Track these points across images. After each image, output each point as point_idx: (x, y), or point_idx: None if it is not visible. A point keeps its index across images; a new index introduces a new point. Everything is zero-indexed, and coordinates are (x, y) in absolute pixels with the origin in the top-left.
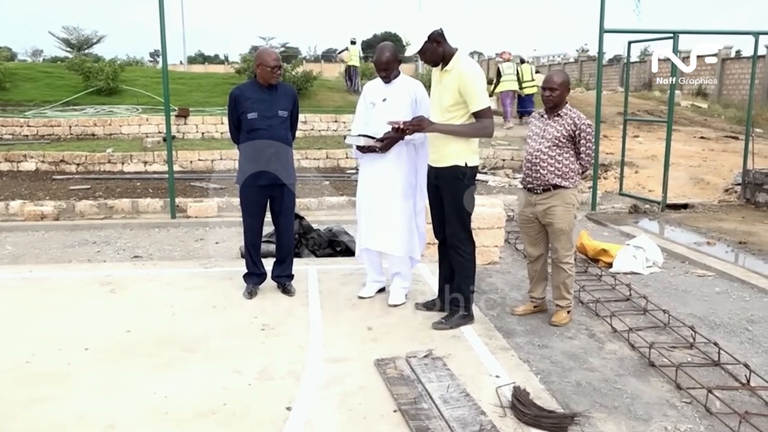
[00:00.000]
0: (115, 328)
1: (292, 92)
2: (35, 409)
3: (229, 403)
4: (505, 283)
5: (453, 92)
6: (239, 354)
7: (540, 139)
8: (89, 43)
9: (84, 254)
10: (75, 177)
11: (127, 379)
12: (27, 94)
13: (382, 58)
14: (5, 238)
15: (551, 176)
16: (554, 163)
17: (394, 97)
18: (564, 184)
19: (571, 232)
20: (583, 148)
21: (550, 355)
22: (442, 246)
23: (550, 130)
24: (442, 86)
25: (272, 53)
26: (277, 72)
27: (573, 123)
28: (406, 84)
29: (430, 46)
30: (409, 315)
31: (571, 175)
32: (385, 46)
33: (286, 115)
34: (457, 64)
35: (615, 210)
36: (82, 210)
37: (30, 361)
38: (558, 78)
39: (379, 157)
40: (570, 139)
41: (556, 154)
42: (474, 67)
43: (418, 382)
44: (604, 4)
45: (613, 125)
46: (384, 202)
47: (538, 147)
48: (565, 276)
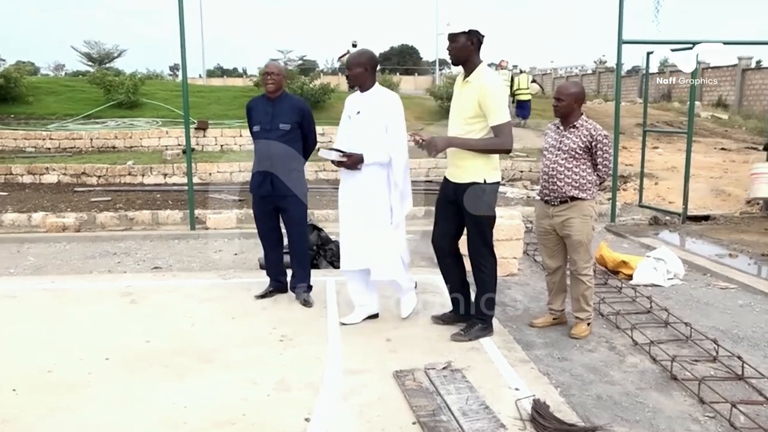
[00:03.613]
0: (135, 338)
1: (299, 105)
2: (56, 418)
3: (248, 413)
4: (524, 295)
5: (473, 104)
6: (258, 365)
7: (556, 151)
8: (110, 58)
9: (105, 265)
10: (96, 189)
11: (146, 388)
12: (49, 107)
13: (351, 60)
14: (28, 249)
15: (568, 188)
16: (571, 175)
17: (367, 111)
18: (581, 196)
19: (589, 244)
20: (600, 160)
21: (570, 367)
22: (442, 257)
23: (566, 141)
24: (462, 97)
25: (271, 63)
26: (268, 79)
27: (589, 134)
28: (380, 97)
29: (465, 41)
30: (427, 326)
31: (589, 187)
32: (363, 50)
33: (287, 128)
34: (479, 77)
35: (635, 222)
36: (103, 221)
37: (51, 370)
38: (568, 89)
39: (354, 173)
40: (587, 150)
41: (573, 166)
42: (495, 80)
43: (437, 394)
44: (623, 14)
45: (632, 137)
46: (362, 219)
47: (555, 159)
48: (584, 288)
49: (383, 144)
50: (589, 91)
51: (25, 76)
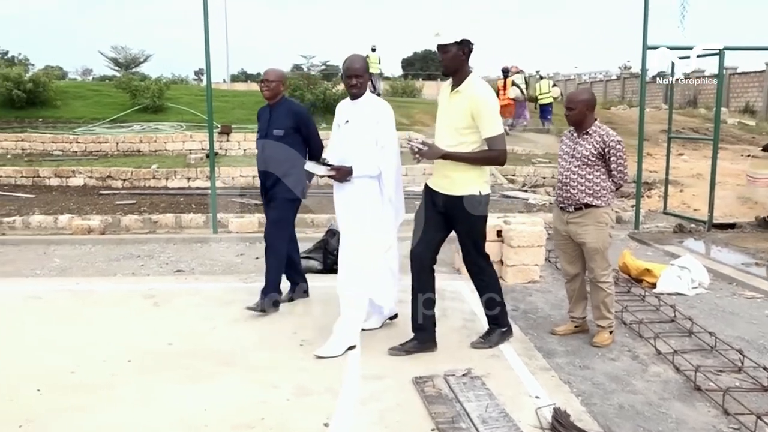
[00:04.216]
0: (158, 341)
1: (293, 110)
2: (78, 419)
3: (267, 417)
4: (546, 302)
5: (465, 115)
6: (277, 368)
7: (570, 158)
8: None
9: (128, 268)
10: (121, 192)
11: (167, 390)
12: (77, 111)
13: (355, 65)
14: (54, 251)
15: (582, 195)
16: (584, 182)
17: (357, 120)
18: (596, 203)
19: (605, 251)
20: (614, 165)
21: (591, 376)
22: (420, 271)
23: (579, 149)
24: (452, 107)
25: (269, 70)
26: (263, 86)
27: (602, 141)
28: (371, 105)
29: (456, 51)
30: (447, 333)
31: (603, 194)
32: (356, 55)
33: (281, 134)
34: (470, 87)
35: (659, 229)
36: (128, 224)
37: (75, 371)
38: (578, 96)
39: (345, 185)
40: (600, 157)
41: (586, 173)
42: (488, 91)
43: (456, 401)
44: (647, 20)
45: (656, 143)
46: (354, 235)
47: (568, 166)
48: (603, 295)
49: (373, 156)
50: (614, 97)
51: (53, 80)
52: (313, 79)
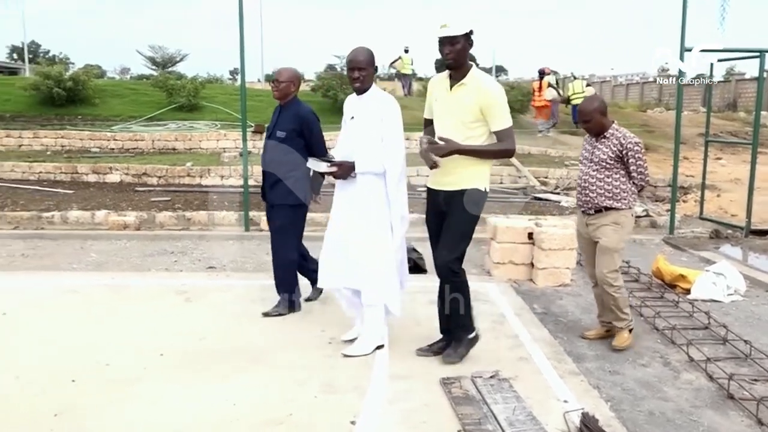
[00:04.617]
0: (189, 336)
1: (299, 113)
2: (111, 410)
3: (295, 413)
4: (576, 305)
5: (472, 108)
6: (306, 366)
7: (589, 163)
8: (173, 62)
9: (162, 263)
10: (156, 189)
11: (198, 385)
12: (114, 109)
13: (359, 57)
14: (90, 246)
15: (601, 199)
16: (603, 186)
17: (362, 116)
18: (616, 206)
19: (616, 253)
20: (633, 167)
21: (621, 382)
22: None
23: (597, 153)
24: (456, 101)
25: (281, 69)
26: (273, 86)
27: (619, 143)
28: (376, 100)
29: (465, 43)
30: None
31: (624, 196)
32: (361, 47)
33: (283, 136)
34: (476, 80)
35: (694, 234)
36: (162, 221)
37: (110, 363)
38: (589, 107)
39: (348, 183)
40: (618, 159)
41: (605, 176)
42: (496, 84)
43: (484, 402)
44: (686, 21)
45: (694, 147)
46: (354, 233)
47: (587, 170)
48: (611, 298)
49: (377, 152)
50: (650, 99)
51: (92, 79)
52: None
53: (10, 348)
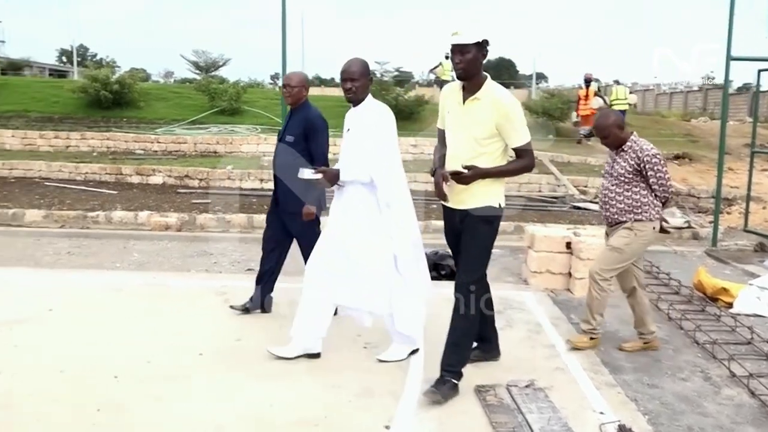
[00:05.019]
0: (227, 336)
1: (306, 117)
2: (152, 407)
3: (330, 416)
4: (614, 316)
5: (487, 124)
6: (341, 370)
7: (609, 177)
8: (216, 66)
9: (202, 264)
10: (197, 191)
11: (236, 384)
12: (158, 112)
13: (352, 68)
14: (133, 245)
15: (621, 213)
16: (623, 200)
17: (356, 127)
18: (637, 218)
19: (617, 256)
20: (653, 180)
21: (660, 395)
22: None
23: (616, 167)
24: (469, 116)
25: (291, 74)
26: (284, 92)
27: (636, 157)
28: (370, 111)
29: (477, 53)
30: (511, 343)
31: (645, 209)
32: (356, 58)
33: (291, 140)
34: (490, 94)
35: (738, 247)
36: (203, 223)
37: (151, 361)
38: (605, 123)
39: (342, 193)
40: (638, 172)
41: (624, 191)
42: (513, 98)
43: (518, 411)
44: (732, 30)
45: (739, 157)
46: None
47: (608, 185)
48: (589, 296)
49: (364, 162)
50: (695, 109)
51: (137, 82)
52: (386, 85)
53: (56, 343)
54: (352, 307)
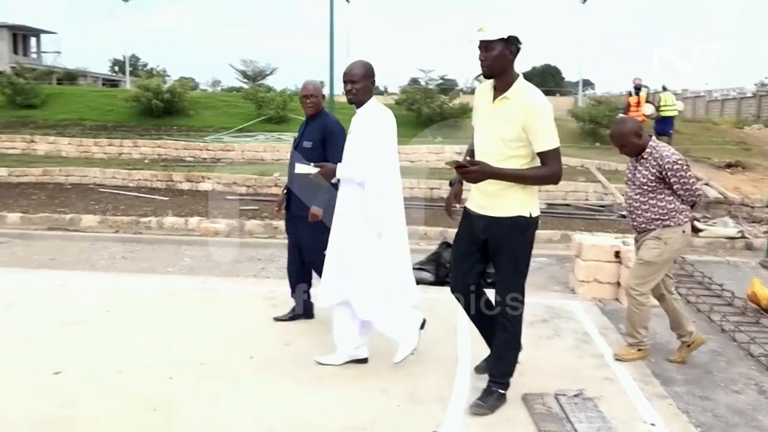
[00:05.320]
0: (276, 340)
1: (325, 123)
2: (207, 407)
3: (378, 421)
4: (664, 327)
5: (515, 126)
6: (389, 375)
7: (632, 185)
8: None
9: (250, 270)
10: (245, 198)
11: (286, 388)
12: (207, 120)
13: (354, 70)
14: (184, 250)
15: (648, 222)
16: (648, 209)
17: (357, 130)
18: (664, 225)
19: (649, 267)
20: (677, 186)
21: (712, 408)
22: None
23: (638, 175)
24: (497, 116)
25: (308, 84)
26: (307, 102)
27: (657, 164)
28: (371, 114)
29: (503, 50)
30: (559, 352)
31: (673, 215)
32: (359, 61)
33: (309, 146)
34: (521, 95)
35: None
36: (251, 229)
37: (204, 363)
38: (621, 131)
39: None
40: (660, 180)
41: (648, 199)
42: (543, 98)
43: (567, 420)
44: None
45: None
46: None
47: (631, 194)
48: (629, 311)
49: (361, 162)
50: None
51: (187, 91)
52: (431, 93)
53: (114, 343)
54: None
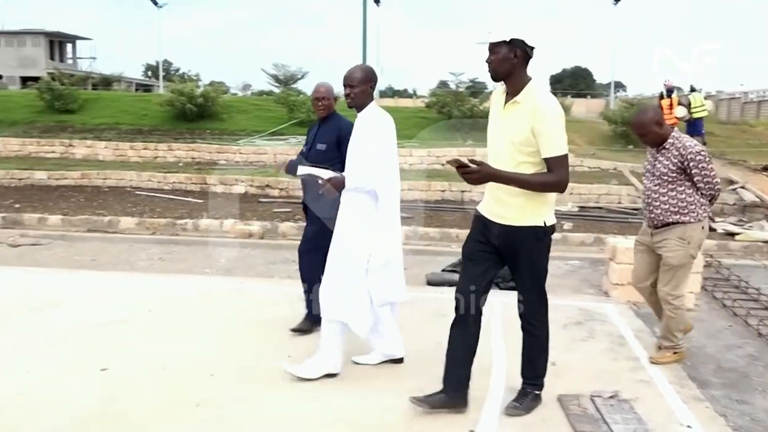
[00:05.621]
0: (313, 340)
1: (338, 125)
2: (247, 404)
3: (415, 422)
4: (701, 331)
5: (524, 130)
6: (424, 376)
7: (651, 177)
8: (294, 79)
9: (284, 271)
10: (278, 200)
11: (324, 388)
12: (239, 124)
13: (353, 74)
14: (220, 252)
15: (666, 214)
16: (667, 200)
17: (357, 134)
18: (683, 220)
19: (681, 269)
20: (698, 178)
21: (750, 411)
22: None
23: (658, 165)
24: (508, 120)
25: (320, 86)
26: (319, 105)
27: (679, 155)
28: (370, 118)
29: (507, 52)
30: (594, 355)
31: (692, 209)
32: (360, 65)
33: (323, 148)
34: (532, 98)
35: None
36: (284, 231)
37: (243, 360)
38: (642, 119)
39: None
40: (681, 171)
41: (668, 190)
42: (553, 102)
43: (603, 422)
44: None
45: None
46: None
47: (650, 185)
48: (666, 317)
49: (367, 170)
50: None
51: (220, 95)
52: (461, 96)
53: (157, 342)
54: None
